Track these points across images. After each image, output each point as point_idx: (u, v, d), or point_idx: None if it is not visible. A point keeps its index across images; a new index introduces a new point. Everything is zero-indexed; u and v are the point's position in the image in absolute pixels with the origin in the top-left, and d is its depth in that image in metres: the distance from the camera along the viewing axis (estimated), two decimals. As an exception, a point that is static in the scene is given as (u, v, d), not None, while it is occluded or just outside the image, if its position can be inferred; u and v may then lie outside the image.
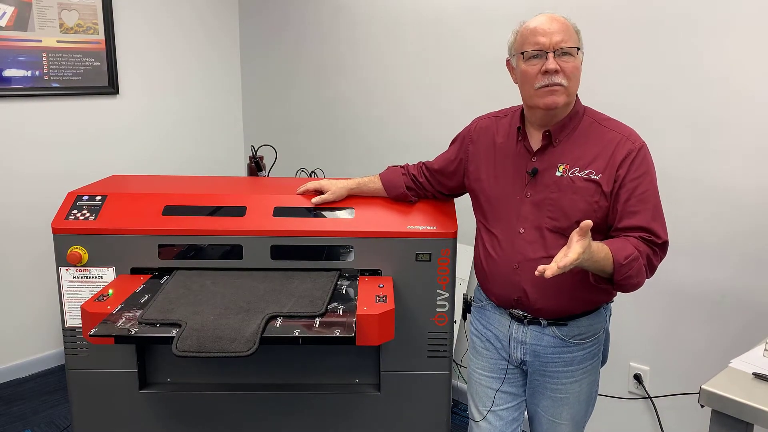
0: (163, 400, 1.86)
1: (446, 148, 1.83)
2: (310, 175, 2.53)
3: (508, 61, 1.58)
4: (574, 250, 1.29)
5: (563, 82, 1.44)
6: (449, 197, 1.89)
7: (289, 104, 3.45)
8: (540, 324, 1.58)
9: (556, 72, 1.44)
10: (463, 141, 1.74)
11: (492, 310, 1.67)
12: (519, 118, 1.59)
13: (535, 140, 1.55)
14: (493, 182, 1.62)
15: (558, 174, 1.50)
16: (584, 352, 1.60)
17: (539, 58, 1.45)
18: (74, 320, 1.85)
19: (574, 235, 1.31)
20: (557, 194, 1.49)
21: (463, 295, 1.86)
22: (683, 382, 2.13)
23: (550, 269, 1.28)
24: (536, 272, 1.30)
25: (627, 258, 1.38)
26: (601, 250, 1.37)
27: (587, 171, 1.47)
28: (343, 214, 1.85)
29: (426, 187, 1.85)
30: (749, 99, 1.89)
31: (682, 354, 2.14)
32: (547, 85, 1.45)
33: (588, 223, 1.29)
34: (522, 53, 1.48)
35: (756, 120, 1.89)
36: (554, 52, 1.43)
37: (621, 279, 1.40)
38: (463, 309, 1.85)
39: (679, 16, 1.99)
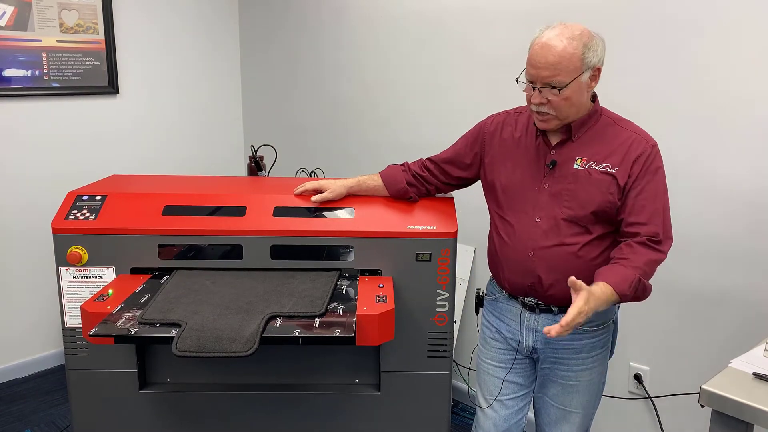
0: (163, 400, 1.86)
1: (446, 147, 1.84)
2: (310, 175, 2.53)
3: None
4: (570, 313, 1.36)
5: (550, 112, 1.52)
6: (453, 187, 1.89)
7: (289, 104, 3.45)
8: (551, 312, 1.63)
9: (541, 104, 1.52)
10: (478, 134, 1.78)
11: (504, 302, 1.73)
12: None
13: (554, 135, 1.62)
14: (510, 173, 1.67)
15: (576, 167, 1.57)
16: (594, 340, 1.65)
17: (532, 85, 1.53)
18: (74, 320, 1.85)
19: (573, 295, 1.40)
20: (574, 185, 1.56)
21: (477, 289, 1.88)
22: (683, 382, 2.13)
23: (554, 329, 1.35)
24: (544, 332, 1.38)
25: (631, 286, 1.45)
26: (605, 291, 1.43)
27: (604, 165, 1.54)
28: (343, 214, 1.85)
29: (429, 180, 1.86)
30: (750, 99, 1.89)
31: (682, 354, 2.14)
32: (536, 112, 1.54)
33: (572, 280, 1.38)
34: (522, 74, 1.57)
35: (757, 120, 1.88)
36: (541, 87, 1.49)
37: (634, 299, 1.49)
38: (476, 303, 1.87)
39: (681, 17, 1.99)
